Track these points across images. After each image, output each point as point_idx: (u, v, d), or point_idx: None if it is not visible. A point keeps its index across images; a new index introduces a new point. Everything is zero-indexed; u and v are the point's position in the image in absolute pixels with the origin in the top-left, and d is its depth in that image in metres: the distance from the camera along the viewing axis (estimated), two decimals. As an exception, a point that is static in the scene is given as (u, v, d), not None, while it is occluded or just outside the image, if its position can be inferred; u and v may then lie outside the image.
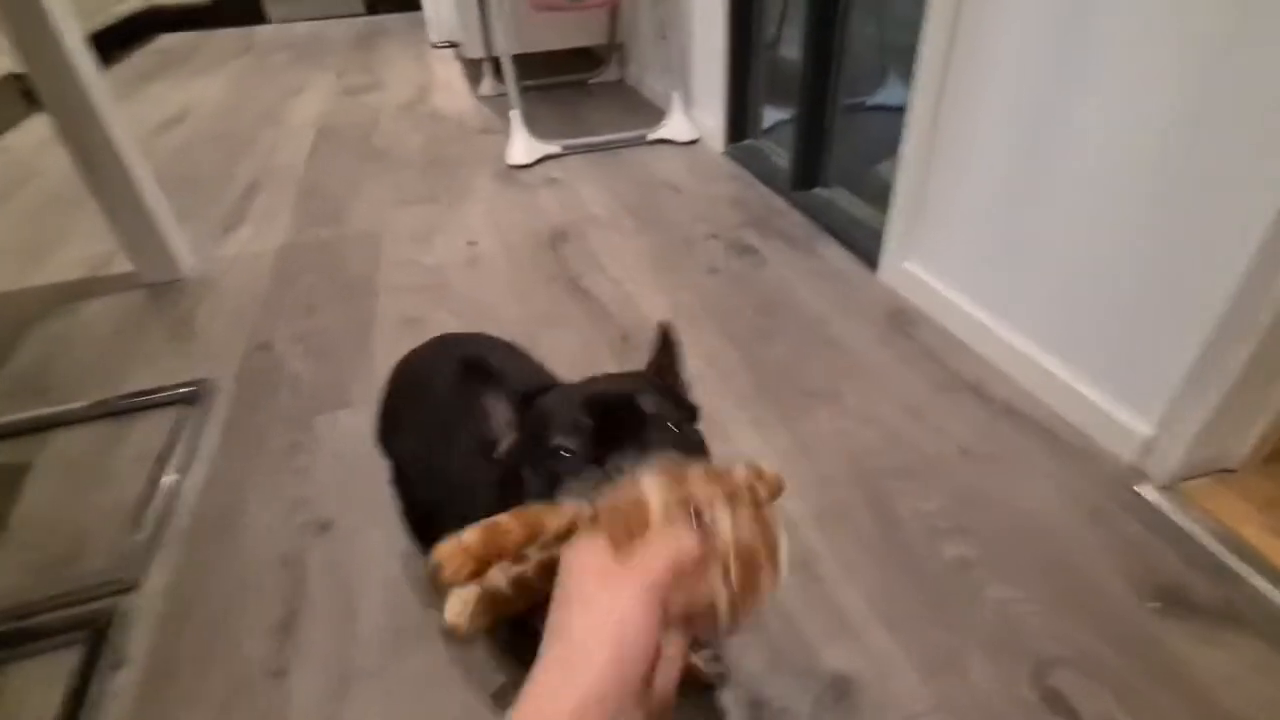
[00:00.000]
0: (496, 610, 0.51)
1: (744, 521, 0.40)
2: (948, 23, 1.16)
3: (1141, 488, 0.98)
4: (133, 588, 0.91)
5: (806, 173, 1.83)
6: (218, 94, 3.18)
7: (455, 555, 0.41)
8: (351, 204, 1.99)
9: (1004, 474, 1.02)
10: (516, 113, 2.19)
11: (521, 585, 0.49)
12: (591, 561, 0.39)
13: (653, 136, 2.30)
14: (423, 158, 2.30)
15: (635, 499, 0.39)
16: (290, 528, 0.98)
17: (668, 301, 1.47)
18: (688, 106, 2.32)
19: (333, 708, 0.77)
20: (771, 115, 2.12)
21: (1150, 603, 0.83)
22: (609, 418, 0.47)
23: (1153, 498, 0.96)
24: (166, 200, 1.59)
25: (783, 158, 1.95)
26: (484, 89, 2.90)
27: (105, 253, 1.71)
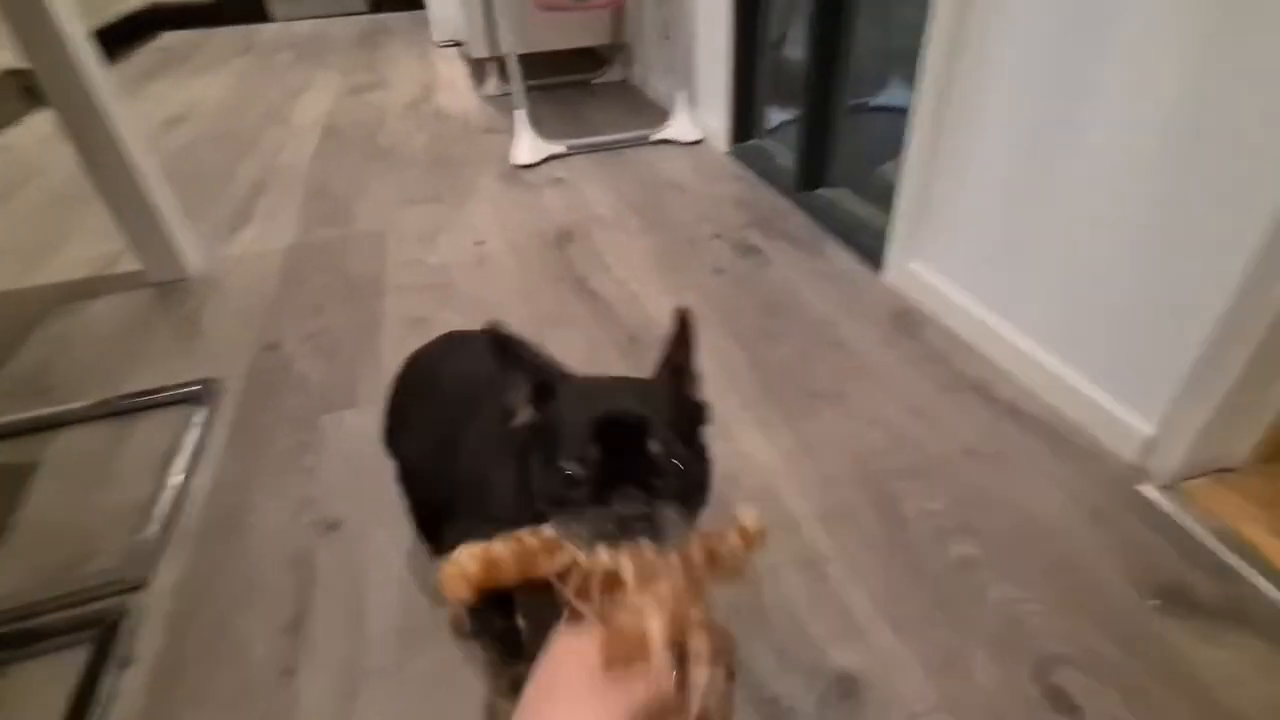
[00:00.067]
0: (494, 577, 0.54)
1: (715, 686, 0.44)
2: (951, 25, 1.16)
3: (1143, 487, 0.98)
4: (140, 587, 0.91)
5: (811, 173, 1.83)
6: (221, 92, 3.18)
7: (455, 579, 0.46)
8: (357, 203, 2.00)
9: (1008, 474, 1.02)
10: (522, 112, 2.19)
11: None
12: (583, 661, 0.42)
13: (657, 137, 2.30)
14: (427, 157, 2.31)
15: (640, 630, 0.43)
16: (298, 527, 0.99)
17: (673, 301, 1.44)
18: (692, 107, 2.32)
19: (341, 707, 0.78)
20: (775, 116, 2.12)
21: (1152, 601, 0.84)
22: (616, 451, 0.50)
23: (1154, 497, 0.97)
24: (172, 198, 1.59)
25: (787, 158, 1.96)
26: (488, 88, 2.91)
27: (110, 252, 1.72)
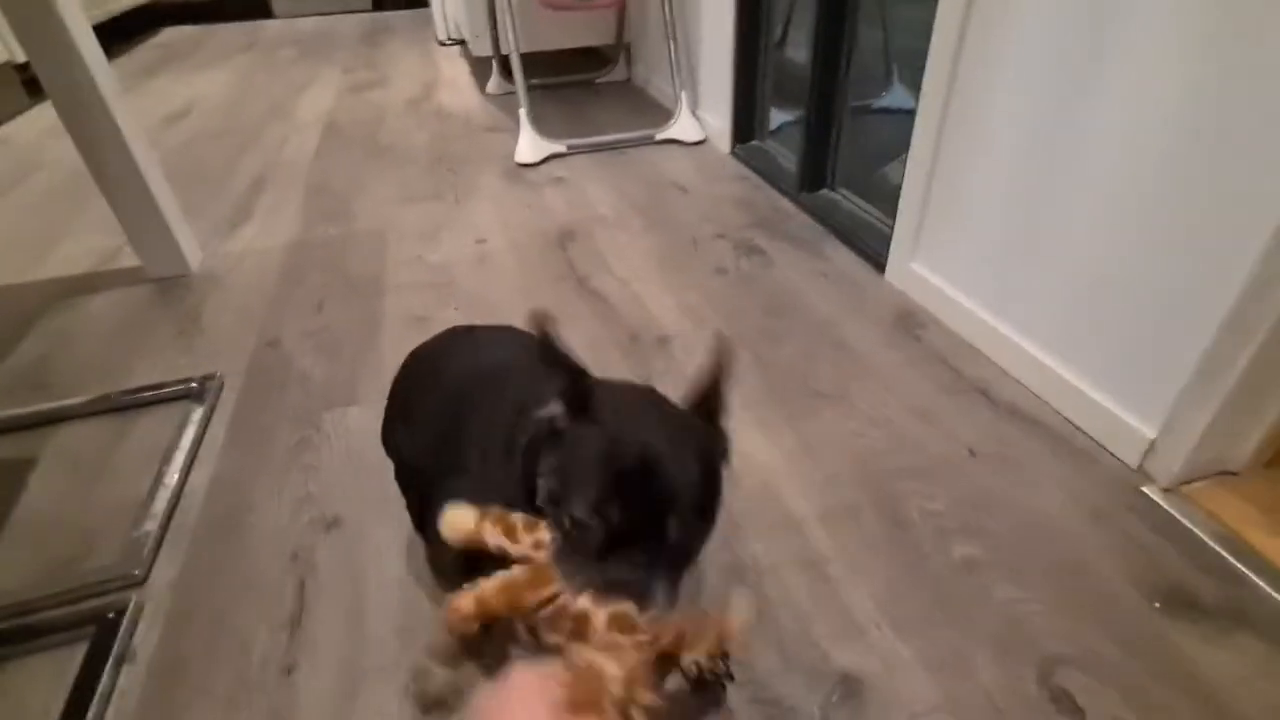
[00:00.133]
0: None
1: None
2: (956, 27, 1.16)
3: (1145, 489, 0.98)
4: (139, 583, 0.91)
5: (813, 174, 1.83)
6: (222, 89, 3.18)
7: (457, 619, 0.57)
8: (358, 201, 1.99)
9: (1009, 475, 1.02)
10: (524, 111, 2.19)
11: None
12: (546, 696, 0.47)
13: (659, 136, 2.30)
14: (429, 155, 2.30)
15: (601, 682, 0.49)
16: (298, 524, 0.98)
17: (675, 302, 1.47)
18: (695, 107, 2.32)
19: (341, 704, 0.77)
20: (778, 117, 2.12)
21: (1154, 603, 0.84)
22: (633, 512, 0.52)
23: (1156, 499, 0.97)
24: (173, 194, 1.59)
25: (789, 159, 1.96)
26: (491, 87, 2.91)
27: (110, 247, 1.71)
